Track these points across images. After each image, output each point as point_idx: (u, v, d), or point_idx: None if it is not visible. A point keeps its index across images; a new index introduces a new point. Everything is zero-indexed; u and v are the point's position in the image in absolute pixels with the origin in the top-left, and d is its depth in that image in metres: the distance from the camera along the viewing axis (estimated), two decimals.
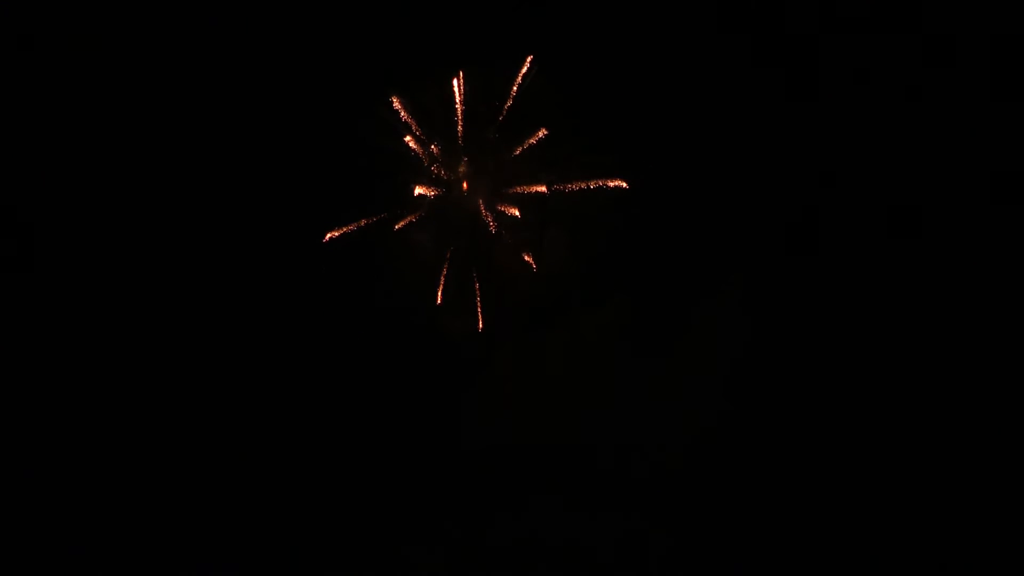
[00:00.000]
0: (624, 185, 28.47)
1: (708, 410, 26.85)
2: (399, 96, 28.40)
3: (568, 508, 26.39)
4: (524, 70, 28.38)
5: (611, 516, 26.41)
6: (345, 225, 28.70)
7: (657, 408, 27.35)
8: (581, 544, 26.31)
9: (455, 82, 28.21)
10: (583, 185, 28.38)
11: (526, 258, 28.84)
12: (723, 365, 27.19)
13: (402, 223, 28.54)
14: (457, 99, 28.31)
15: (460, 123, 28.79)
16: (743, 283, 27.66)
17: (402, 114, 28.52)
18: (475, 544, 26.18)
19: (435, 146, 28.98)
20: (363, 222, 28.78)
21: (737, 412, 26.85)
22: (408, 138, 28.70)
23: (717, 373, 27.08)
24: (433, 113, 29.23)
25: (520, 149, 28.85)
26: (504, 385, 28.23)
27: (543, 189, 28.66)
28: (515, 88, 28.57)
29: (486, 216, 29.08)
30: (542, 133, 28.45)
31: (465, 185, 29.27)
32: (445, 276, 28.88)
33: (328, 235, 28.55)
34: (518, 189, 29.04)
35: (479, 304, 28.66)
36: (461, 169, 29.15)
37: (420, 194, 28.81)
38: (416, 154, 28.92)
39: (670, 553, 25.87)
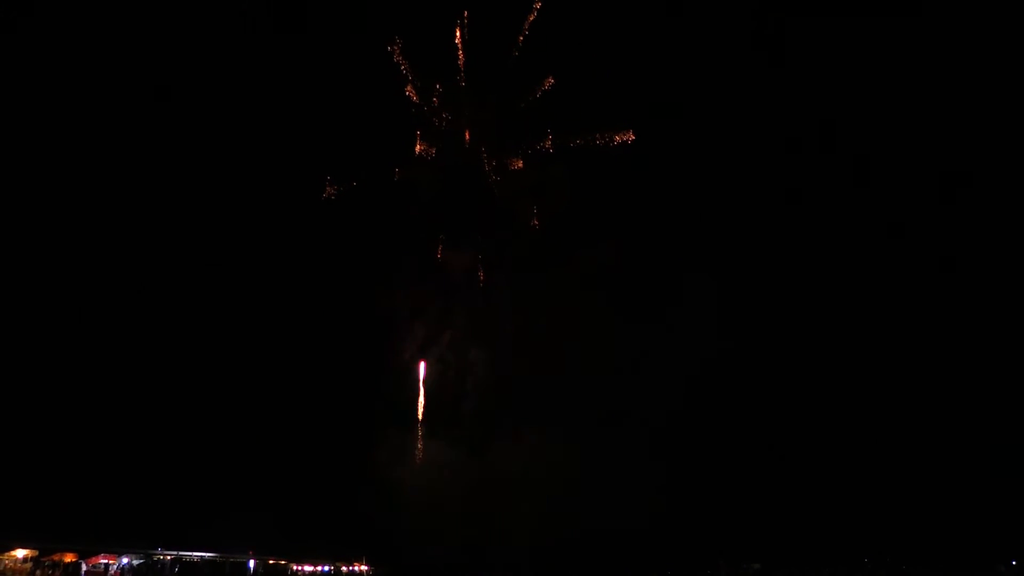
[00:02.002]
0: (631, 137, 28.18)
1: (704, 348, 26.96)
2: (400, 41, 28.06)
3: (566, 439, 26.74)
4: (531, 16, 28.02)
5: (608, 448, 26.78)
6: (344, 181, 28.60)
7: (653, 347, 27.50)
8: (577, 473, 26.80)
9: (458, 26, 28.28)
10: (589, 140, 28.42)
11: (527, 209, 28.74)
12: (716, 309, 27.26)
13: (403, 174, 28.43)
14: (459, 44, 27.92)
15: (462, 69, 28.47)
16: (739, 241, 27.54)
17: (402, 63, 28.20)
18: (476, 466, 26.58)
19: (436, 98, 28.71)
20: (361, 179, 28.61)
21: (734, 349, 27.00)
22: (408, 88, 28.48)
23: (712, 316, 27.19)
24: (437, 58, 28.93)
25: (526, 100, 28.53)
26: (502, 321, 28.33)
27: (547, 143, 28.42)
28: (523, 33, 28.21)
29: (488, 167, 28.93)
30: (549, 82, 28.13)
31: (468, 135, 29.07)
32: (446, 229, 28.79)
33: (327, 192, 28.52)
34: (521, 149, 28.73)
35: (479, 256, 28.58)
36: (463, 121, 28.89)
37: (421, 150, 28.63)
38: (418, 103, 28.71)
39: (666, 484, 26.24)
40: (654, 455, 26.25)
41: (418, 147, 28.99)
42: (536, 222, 29.04)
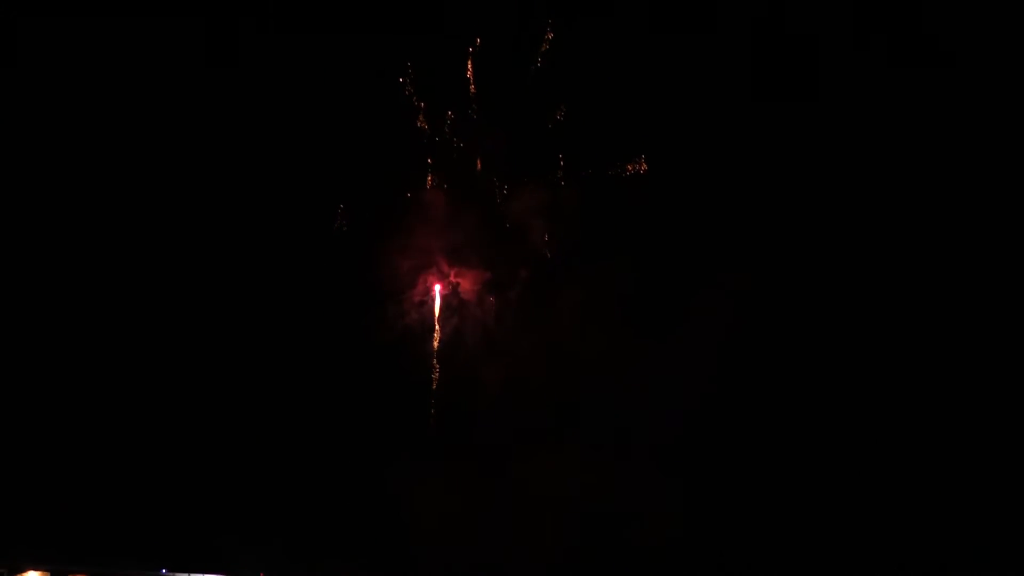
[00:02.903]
0: (644, 167, 28.52)
1: (709, 378, 27.00)
2: (412, 70, 28.38)
3: (569, 465, 26.67)
4: (544, 45, 28.36)
5: (614, 473, 26.71)
6: (355, 212, 28.78)
7: (659, 373, 27.50)
8: (581, 500, 26.69)
9: (470, 57, 28.29)
10: (601, 170, 28.56)
11: (538, 231, 28.91)
12: (724, 335, 27.32)
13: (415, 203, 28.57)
14: (470, 74, 28.39)
15: (474, 98, 28.84)
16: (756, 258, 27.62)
17: (412, 94, 28.52)
18: (479, 495, 26.54)
19: (447, 127, 28.98)
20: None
21: (739, 381, 27.03)
22: (420, 119, 28.79)
23: (717, 344, 27.24)
24: (448, 88, 29.22)
25: (537, 127, 28.78)
26: (511, 350, 28.35)
27: (559, 174, 28.70)
28: (535, 63, 28.44)
29: (499, 195, 29.18)
30: (561, 112, 28.50)
31: (479, 164, 29.32)
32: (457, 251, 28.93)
33: (338, 223, 28.72)
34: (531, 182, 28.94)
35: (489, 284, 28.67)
36: (475, 148, 29.10)
37: (433, 184, 28.89)
38: (429, 133, 28.94)
39: (671, 509, 26.16)
40: (670, 472, 26.31)
41: (429, 178, 29.29)
42: (547, 245, 29.33)
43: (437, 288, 28.63)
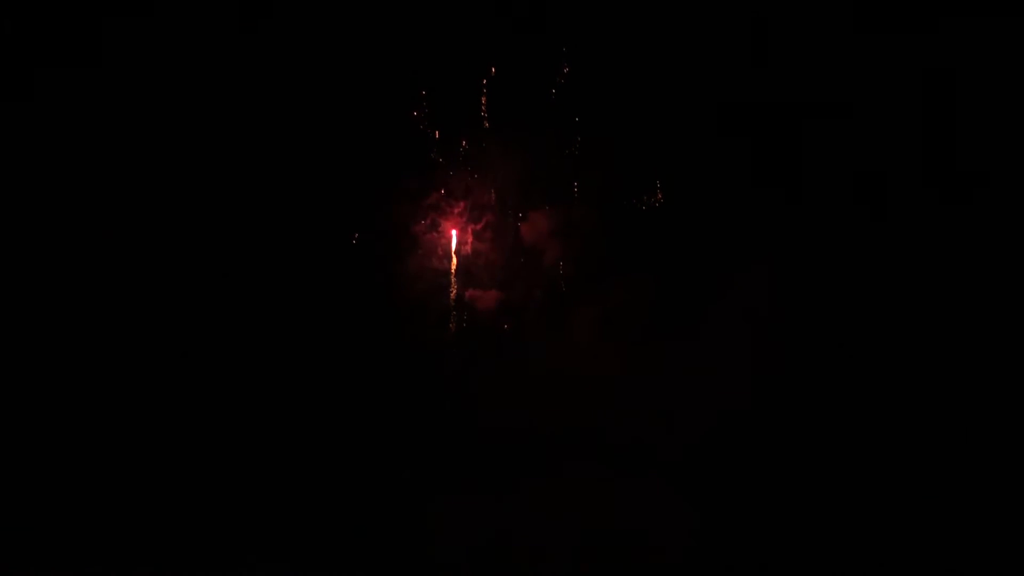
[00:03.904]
0: (660, 198, 28.52)
1: (733, 393, 26.31)
2: (422, 97, 28.70)
3: (590, 486, 25.92)
4: (560, 80, 28.35)
5: (635, 495, 25.91)
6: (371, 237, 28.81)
7: (682, 388, 26.86)
8: (603, 523, 25.85)
9: (484, 87, 28.55)
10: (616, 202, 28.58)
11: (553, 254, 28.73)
12: (750, 346, 26.70)
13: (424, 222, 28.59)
14: (484, 104, 28.66)
15: (487, 126, 28.99)
16: (773, 263, 27.22)
17: (425, 123, 28.77)
18: (498, 518, 25.86)
19: (461, 156, 29.15)
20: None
21: (764, 396, 26.29)
22: (433, 153, 28.98)
23: (744, 355, 26.60)
24: (461, 117, 29.45)
25: (550, 151, 28.91)
26: (524, 366, 27.89)
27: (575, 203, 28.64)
28: (551, 93, 28.46)
29: (513, 221, 29.10)
30: (576, 143, 28.66)
31: (494, 194, 29.34)
32: (468, 265, 28.82)
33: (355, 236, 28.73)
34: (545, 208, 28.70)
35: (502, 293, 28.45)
36: (488, 178, 29.20)
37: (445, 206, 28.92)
38: (442, 163, 29.08)
39: (695, 533, 25.26)
40: (687, 493, 25.31)
41: (442, 203, 29.30)
42: (562, 266, 29.02)
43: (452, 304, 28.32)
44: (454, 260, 28.37)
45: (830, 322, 26.31)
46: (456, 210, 28.30)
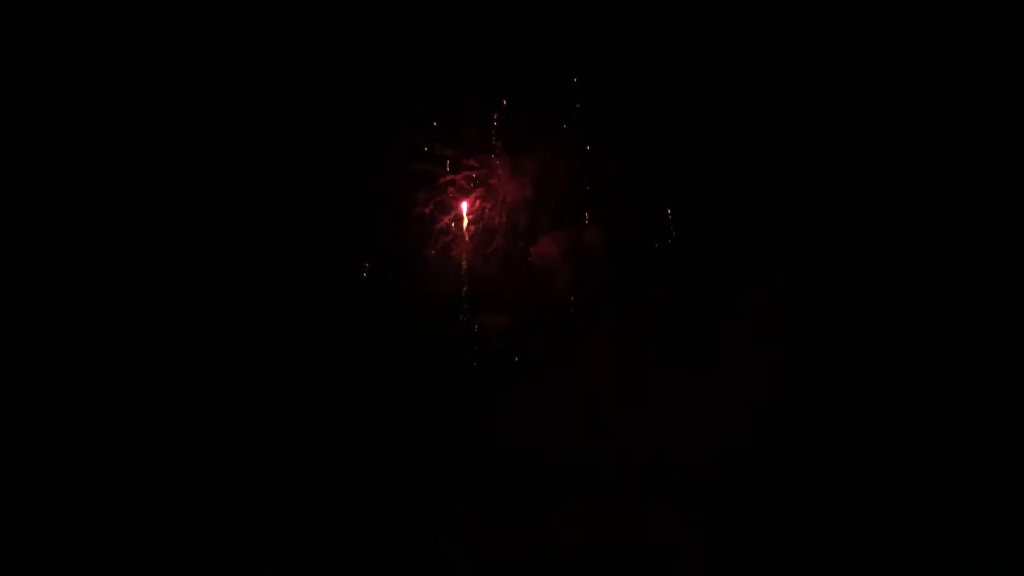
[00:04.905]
0: (669, 213, 28.46)
1: (746, 412, 25.92)
2: (431, 119, 28.79)
3: (602, 509, 25.49)
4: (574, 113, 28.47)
5: (646, 518, 25.45)
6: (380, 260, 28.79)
7: (694, 408, 26.51)
8: (614, 545, 25.38)
9: (495, 114, 28.63)
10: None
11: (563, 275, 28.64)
12: (763, 365, 26.35)
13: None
14: (494, 129, 28.69)
15: (498, 150, 29.03)
16: (785, 279, 26.93)
17: (435, 147, 28.84)
18: (507, 543, 25.43)
19: (474, 183, 29.21)
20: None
21: (778, 414, 25.85)
22: (443, 179, 29.04)
23: (756, 374, 26.23)
24: (472, 141, 29.50)
25: (561, 174, 28.91)
26: (536, 383, 27.60)
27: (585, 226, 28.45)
28: (563, 121, 28.59)
29: (523, 244, 29.05)
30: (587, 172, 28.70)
31: (504, 216, 29.29)
32: (477, 277, 28.75)
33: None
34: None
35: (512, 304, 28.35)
36: (497, 199, 29.19)
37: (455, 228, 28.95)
38: (449, 182, 29.11)
39: (705, 555, 24.76)
40: (701, 516, 24.85)
41: (452, 225, 29.27)
42: (572, 289, 28.88)
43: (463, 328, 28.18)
44: (464, 284, 28.36)
45: (845, 345, 26.05)
46: (467, 234, 28.33)
